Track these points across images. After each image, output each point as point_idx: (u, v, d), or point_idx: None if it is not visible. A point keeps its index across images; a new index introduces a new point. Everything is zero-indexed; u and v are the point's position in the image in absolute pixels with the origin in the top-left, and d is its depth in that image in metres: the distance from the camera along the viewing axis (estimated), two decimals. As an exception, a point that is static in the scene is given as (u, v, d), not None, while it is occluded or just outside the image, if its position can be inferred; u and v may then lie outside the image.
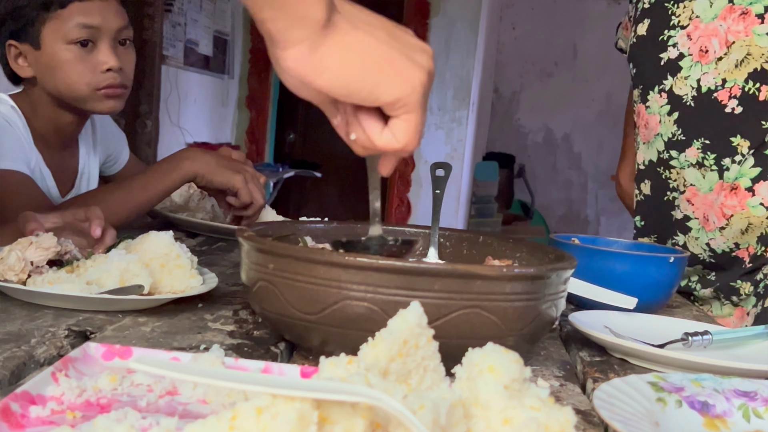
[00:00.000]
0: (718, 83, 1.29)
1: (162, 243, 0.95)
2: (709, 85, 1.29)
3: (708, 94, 1.29)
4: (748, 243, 1.31)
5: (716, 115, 1.29)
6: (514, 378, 0.50)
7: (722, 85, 1.28)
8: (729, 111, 1.27)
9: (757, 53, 1.24)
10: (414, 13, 5.30)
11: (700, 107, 1.31)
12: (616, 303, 1.00)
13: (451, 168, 1.02)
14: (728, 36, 1.27)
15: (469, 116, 5.36)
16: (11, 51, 1.38)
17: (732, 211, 1.29)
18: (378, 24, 0.65)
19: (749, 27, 1.25)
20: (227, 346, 0.76)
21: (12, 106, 1.40)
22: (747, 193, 1.26)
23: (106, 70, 1.37)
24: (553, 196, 7.01)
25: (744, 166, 1.26)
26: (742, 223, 1.29)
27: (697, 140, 1.31)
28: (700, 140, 1.30)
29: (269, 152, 5.64)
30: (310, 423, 0.42)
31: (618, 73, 6.54)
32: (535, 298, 0.74)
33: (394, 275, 0.68)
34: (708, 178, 1.31)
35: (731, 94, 1.27)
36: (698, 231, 1.36)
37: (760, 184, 1.26)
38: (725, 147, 1.28)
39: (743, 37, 1.25)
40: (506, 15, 6.87)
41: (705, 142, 1.30)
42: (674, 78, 1.35)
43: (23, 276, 0.87)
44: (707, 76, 1.30)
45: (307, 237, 0.98)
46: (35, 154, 1.40)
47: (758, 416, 0.67)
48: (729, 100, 1.27)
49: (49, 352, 0.71)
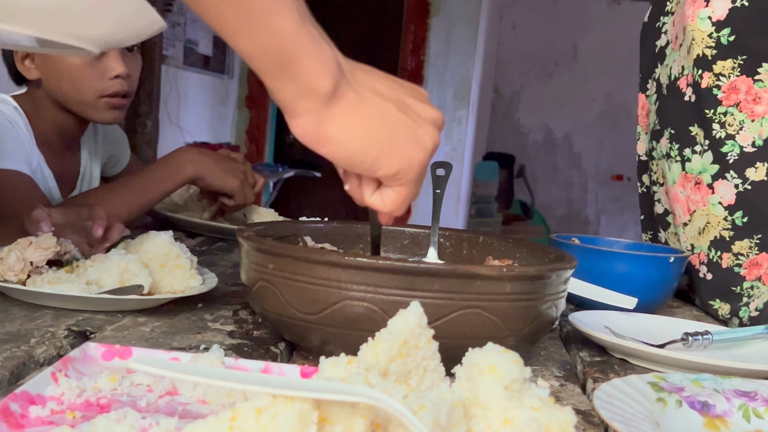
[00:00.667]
0: (679, 70, 1.23)
1: (162, 243, 0.95)
2: (675, 73, 1.25)
3: (674, 82, 1.24)
4: (701, 248, 1.22)
5: (678, 104, 1.23)
6: (514, 378, 0.50)
7: (681, 72, 1.23)
8: (687, 99, 1.21)
9: (699, 38, 1.16)
10: (414, 13, 5.30)
11: (670, 96, 1.26)
12: (616, 303, 1.00)
13: (451, 167, 1.02)
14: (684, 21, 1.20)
15: (469, 116, 5.36)
16: (18, 52, 1.38)
17: (695, 207, 1.22)
18: (388, 92, 0.66)
19: (696, 11, 1.17)
20: (227, 346, 0.76)
21: (15, 107, 1.40)
22: (708, 189, 1.19)
23: (113, 77, 1.38)
24: (553, 196, 7.01)
25: (705, 158, 1.19)
26: (702, 220, 1.21)
27: (666, 130, 1.26)
28: (668, 130, 1.26)
29: (269, 152, 5.64)
30: (310, 423, 0.42)
31: (618, 73, 6.55)
32: (536, 298, 0.74)
33: (394, 275, 0.68)
34: (673, 170, 1.25)
35: (687, 82, 1.21)
36: (673, 225, 1.30)
37: (719, 182, 1.18)
38: (686, 136, 1.22)
39: (690, 21, 1.18)
40: (506, 15, 6.87)
41: (671, 132, 1.25)
42: (661, 66, 1.30)
43: (23, 276, 0.87)
44: (676, 63, 1.25)
45: (307, 237, 0.98)
46: (37, 155, 1.40)
47: (758, 416, 0.67)
48: (686, 88, 1.21)
49: (48, 352, 0.71)
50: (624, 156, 6.63)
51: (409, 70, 5.32)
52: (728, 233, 1.18)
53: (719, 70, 1.15)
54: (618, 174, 6.86)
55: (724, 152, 1.16)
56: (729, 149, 1.16)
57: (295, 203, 5.67)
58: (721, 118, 1.16)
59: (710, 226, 1.20)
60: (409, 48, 5.32)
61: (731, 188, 1.16)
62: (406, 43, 5.34)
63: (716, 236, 1.19)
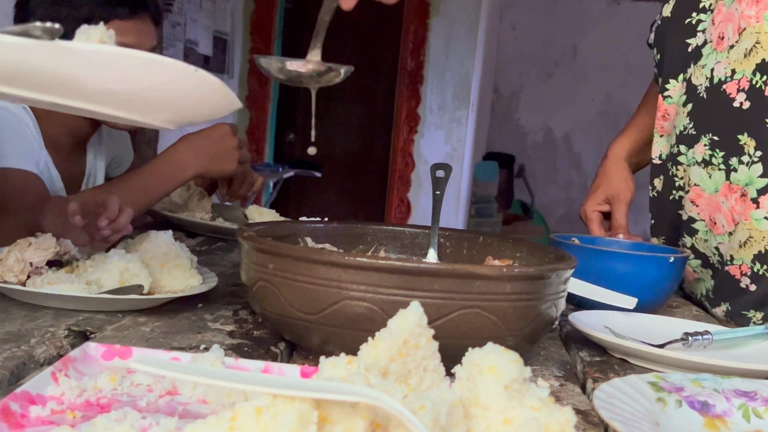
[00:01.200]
0: (728, 74, 1.15)
1: (161, 243, 0.96)
2: (720, 75, 1.17)
3: (718, 85, 1.17)
4: (742, 260, 1.18)
5: (724, 109, 1.16)
6: (514, 378, 0.50)
7: (731, 77, 1.15)
8: (737, 105, 1.14)
9: (766, 42, 1.10)
10: (414, 13, 5.30)
11: (711, 100, 1.18)
12: (616, 303, 1.00)
13: (451, 169, 1.02)
14: (740, 21, 1.13)
15: (469, 116, 5.35)
16: None
17: (739, 218, 1.17)
18: None
19: (761, 12, 1.10)
20: (227, 346, 0.76)
21: (24, 107, 1.40)
22: (752, 204, 1.14)
23: None
24: (553, 196, 7.00)
25: (753, 170, 1.13)
26: (744, 234, 1.17)
27: (705, 136, 1.19)
28: (708, 136, 1.18)
29: (269, 152, 5.64)
30: (310, 423, 0.42)
31: (618, 73, 6.56)
32: (535, 298, 0.74)
33: (394, 275, 0.68)
34: (714, 178, 1.19)
35: (739, 87, 1.14)
36: (706, 233, 1.24)
37: (766, 197, 1.13)
38: (733, 145, 1.15)
39: (754, 23, 1.11)
40: (506, 15, 6.87)
41: (713, 138, 1.17)
42: (695, 66, 1.22)
43: (23, 277, 0.87)
44: (720, 65, 1.17)
45: (307, 237, 0.98)
46: (44, 155, 1.41)
47: (758, 416, 0.67)
48: (737, 94, 1.14)
49: (48, 352, 0.71)
50: (624, 156, 6.62)
51: (409, 70, 5.32)
52: None
53: None
54: (618, 174, 6.85)
55: None
56: None
57: (295, 203, 5.67)
58: None
59: (753, 240, 1.17)
60: (409, 48, 5.32)
61: None
62: (406, 43, 5.34)
63: (761, 250, 1.16)
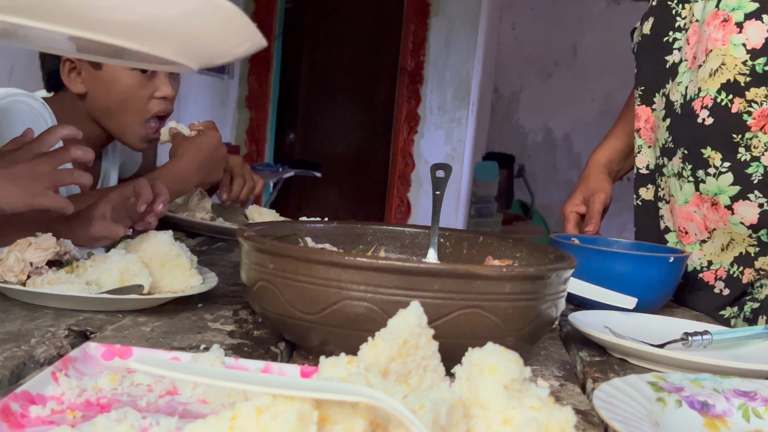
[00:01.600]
0: (695, 92, 1.22)
1: (162, 243, 0.95)
2: (690, 93, 1.23)
3: (689, 102, 1.23)
4: (720, 263, 1.23)
5: (692, 125, 1.22)
6: (514, 378, 0.50)
7: (697, 94, 1.21)
8: (700, 121, 1.20)
9: (731, 64, 1.16)
10: (414, 13, 5.30)
11: (683, 115, 1.24)
12: (616, 303, 1.00)
13: (451, 169, 1.02)
14: (708, 43, 1.19)
15: (469, 116, 5.36)
16: (66, 65, 1.38)
17: (715, 225, 1.22)
18: None
19: (727, 36, 1.17)
20: (227, 346, 0.76)
21: (42, 103, 1.40)
22: (727, 210, 1.19)
23: (161, 98, 1.41)
24: (553, 196, 7.00)
25: (721, 181, 1.19)
26: (725, 237, 1.22)
27: (680, 149, 1.25)
28: (681, 150, 1.24)
29: (269, 152, 5.64)
30: (310, 423, 0.42)
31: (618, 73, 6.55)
32: (535, 298, 0.74)
33: (394, 275, 0.68)
34: (684, 190, 1.25)
35: (703, 104, 1.20)
36: (675, 244, 1.29)
37: (739, 203, 1.18)
38: (698, 158, 1.21)
39: (720, 45, 1.17)
40: (506, 15, 6.87)
41: (684, 152, 1.24)
42: (672, 83, 1.29)
43: (23, 277, 0.87)
44: (692, 83, 1.23)
45: (307, 237, 0.98)
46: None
47: (758, 416, 0.67)
48: (701, 110, 1.20)
49: (49, 352, 0.71)
50: (624, 156, 6.62)
51: (409, 70, 5.32)
52: (754, 249, 1.21)
53: (752, 96, 1.15)
54: (618, 174, 6.85)
55: (749, 173, 1.17)
56: (753, 170, 1.17)
57: (295, 203, 5.68)
58: (748, 142, 1.17)
59: (735, 243, 1.22)
60: (409, 48, 5.32)
61: (754, 208, 1.17)
62: (406, 43, 5.34)
63: (741, 252, 1.22)
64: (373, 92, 5.58)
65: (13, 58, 2.73)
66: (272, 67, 5.50)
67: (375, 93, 5.58)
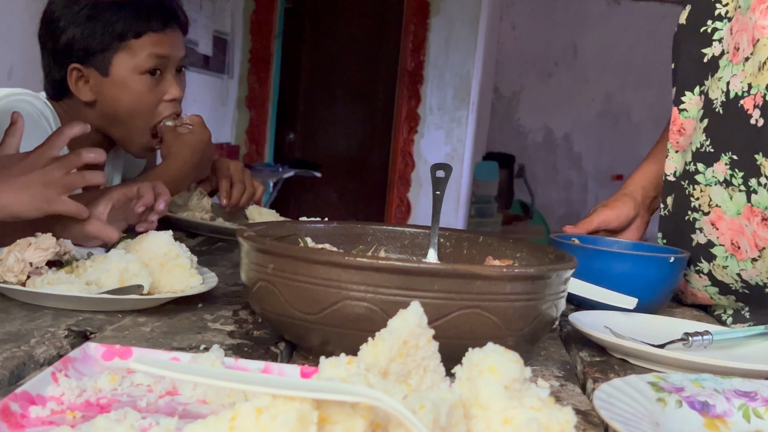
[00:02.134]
0: (744, 88, 1.06)
1: (161, 243, 0.95)
2: (736, 89, 1.08)
3: (735, 100, 1.08)
4: None
5: (742, 127, 1.07)
6: (514, 378, 0.50)
7: (748, 91, 1.06)
8: (753, 122, 1.05)
9: None
10: (414, 13, 5.30)
11: (727, 116, 1.09)
12: (616, 303, 1.00)
13: (451, 169, 1.02)
14: (755, 32, 1.04)
15: (469, 116, 5.36)
16: (73, 74, 1.38)
17: (765, 244, 1.06)
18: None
19: None
20: (227, 346, 0.76)
21: (45, 103, 1.40)
22: None
23: (170, 100, 1.41)
24: (553, 196, 7.01)
25: None
26: None
27: (725, 154, 1.09)
28: (728, 155, 1.08)
29: (269, 152, 5.64)
30: (310, 423, 0.42)
31: (618, 73, 6.56)
32: (536, 298, 0.74)
33: (394, 275, 0.68)
34: (735, 200, 1.08)
35: (755, 103, 1.05)
36: (726, 259, 1.13)
37: None
38: (750, 165, 1.06)
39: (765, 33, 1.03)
40: (506, 15, 6.87)
41: (732, 158, 1.07)
42: (712, 78, 1.13)
43: (22, 277, 0.87)
44: (736, 78, 1.08)
45: (307, 237, 0.98)
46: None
47: (758, 416, 0.67)
48: (753, 110, 1.05)
49: (48, 352, 0.71)
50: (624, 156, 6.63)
51: (409, 70, 5.33)
52: None
53: None
54: (618, 174, 6.86)
55: None
56: None
57: (295, 203, 5.68)
58: None
59: None
60: (409, 48, 5.33)
61: None
62: (406, 43, 5.34)
63: None
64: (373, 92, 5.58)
65: (13, 58, 2.73)
66: (272, 67, 5.50)
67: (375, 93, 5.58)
